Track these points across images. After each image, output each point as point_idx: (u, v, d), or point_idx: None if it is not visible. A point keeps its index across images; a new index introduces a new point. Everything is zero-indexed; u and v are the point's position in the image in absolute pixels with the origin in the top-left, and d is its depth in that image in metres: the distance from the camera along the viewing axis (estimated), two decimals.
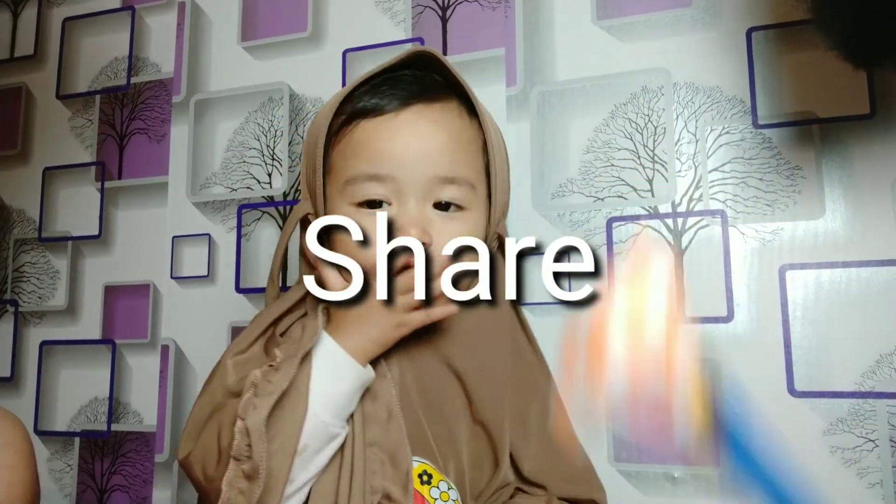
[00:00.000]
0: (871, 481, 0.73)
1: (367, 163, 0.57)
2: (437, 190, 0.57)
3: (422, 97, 0.59)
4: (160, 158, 1.08)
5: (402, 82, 0.60)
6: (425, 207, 0.57)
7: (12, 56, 1.20)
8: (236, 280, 1.01)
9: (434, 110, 0.59)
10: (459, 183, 0.58)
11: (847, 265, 0.77)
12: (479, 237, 0.60)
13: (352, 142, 0.59)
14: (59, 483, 1.06)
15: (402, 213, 0.57)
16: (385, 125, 0.58)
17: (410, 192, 0.57)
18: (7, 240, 1.15)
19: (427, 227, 0.56)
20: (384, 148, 0.57)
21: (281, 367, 0.52)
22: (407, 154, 0.57)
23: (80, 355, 1.08)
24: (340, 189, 0.59)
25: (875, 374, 0.75)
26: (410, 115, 0.58)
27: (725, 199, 0.82)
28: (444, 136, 0.59)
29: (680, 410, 0.44)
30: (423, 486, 0.54)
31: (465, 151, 0.60)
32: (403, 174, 0.57)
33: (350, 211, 0.58)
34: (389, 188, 0.57)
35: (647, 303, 0.43)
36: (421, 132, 0.58)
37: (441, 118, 0.59)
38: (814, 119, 0.80)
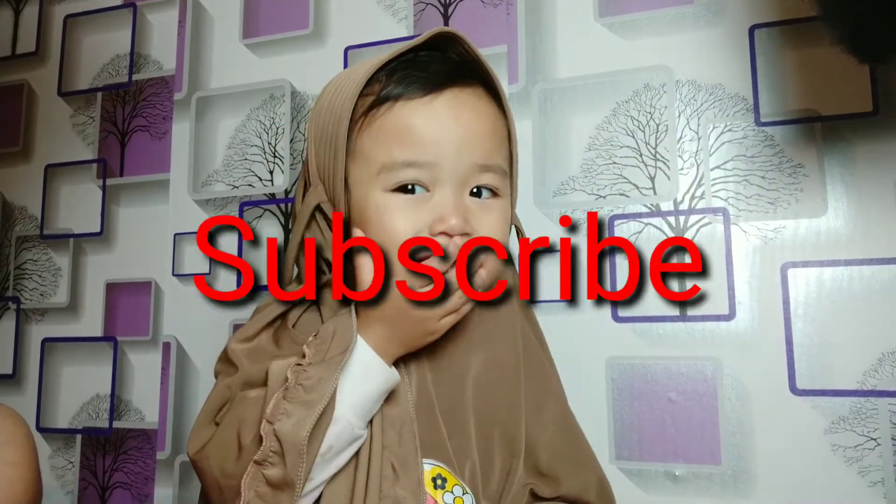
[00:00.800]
0: (872, 479, 0.73)
1: (407, 148, 0.55)
2: (474, 177, 0.56)
3: (455, 81, 0.57)
4: (162, 156, 1.08)
5: (432, 65, 0.58)
6: (463, 195, 0.56)
7: (14, 53, 1.20)
8: (238, 277, 1.01)
9: (468, 95, 0.57)
10: (495, 171, 0.57)
11: (849, 263, 0.77)
12: (508, 221, 0.59)
13: (385, 126, 0.56)
14: (60, 480, 1.06)
15: (441, 202, 0.54)
16: (424, 110, 0.56)
17: (449, 179, 0.55)
18: (9, 237, 1.16)
19: (467, 216, 0.54)
20: (424, 133, 0.55)
21: (314, 371, 0.50)
22: (449, 140, 0.55)
23: (81, 352, 1.08)
24: (373, 175, 0.55)
25: (877, 372, 0.75)
26: (448, 100, 0.56)
27: (727, 196, 0.82)
28: (482, 123, 0.57)
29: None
30: (437, 490, 0.54)
31: (498, 139, 0.59)
32: (445, 161, 0.55)
33: (385, 197, 0.55)
34: (428, 175, 0.55)
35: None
36: (462, 118, 0.56)
37: (476, 104, 0.58)
38: (816, 117, 0.80)
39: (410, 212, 0.54)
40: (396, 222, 0.54)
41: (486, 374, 0.60)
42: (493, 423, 0.59)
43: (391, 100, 0.56)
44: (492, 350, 0.61)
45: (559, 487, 0.60)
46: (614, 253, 0.85)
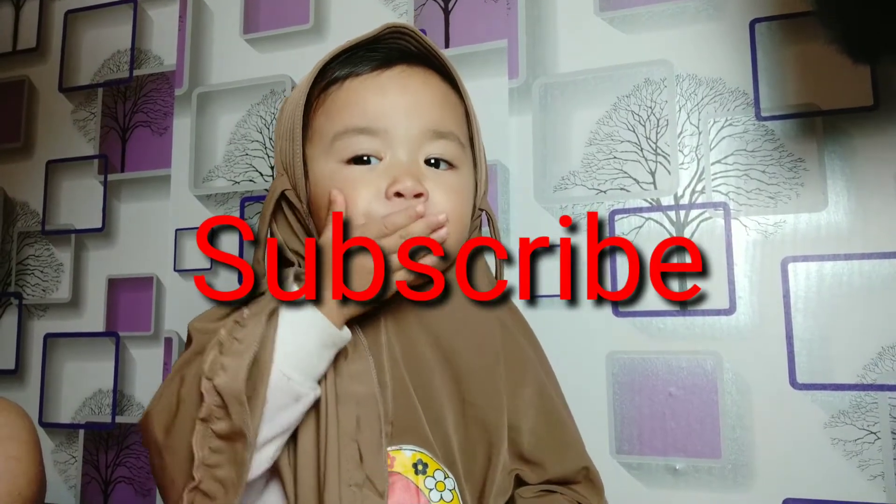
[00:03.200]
0: (872, 473, 0.73)
1: (357, 117, 0.57)
2: (428, 144, 0.57)
3: (404, 60, 0.59)
4: (163, 151, 1.08)
5: (380, 49, 0.60)
6: (417, 160, 0.57)
7: (15, 49, 1.21)
8: (239, 273, 1.01)
9: (416, 71, 0.59)
10: (450, 138, 0.58)
11: (849, 257, 0.77)
12: (470, 199, 0.60)
13: (336, 101, 0.58)
14: (63, 475, 1.07)
15: (393, 165, 0.55)
16: (373, 81, 0.58)
17: (402, 144, 0.56)
18: (10, 233, 1.16)
19: (421, 178, 0.55)
20: (374, 101, 0.57)
21: (247, 323, 0.50)
22: (398, 107, 0.57)
23: (83, 348, 1.08)
24: (327, 148, 0.57)
25: (877, 366, 0.75)
26: (396, 73, 0.58)
27: (728, 191, 0.82)
28: (432, 94, 0.59)
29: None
30: (418, 475, 0.53)
31: (451, 112, 0.60)
32: (395, 126, 0.56)
33: (338, 168, 0.57)
34: (380, 142, 0.56)
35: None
36: (410, 87, 0.58)
37: (424, 78, 0.59)
38: (817, 111, 0.80)
39: (365, 179, 0.55)
40: (351, 190, 0.55)
41: (463, 359, 0.58)
42: (471, 409, 0.58)
43: (341, 79, 0.58)
44: (470, 336, 0.59)
45: (545, 472, 0.59)
46: (615, 251, 0.85)
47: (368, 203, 0.54)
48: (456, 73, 0.61)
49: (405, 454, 0.54)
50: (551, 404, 0.62)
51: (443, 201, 0.56)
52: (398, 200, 0.54)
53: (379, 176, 0.55)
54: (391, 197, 0.54)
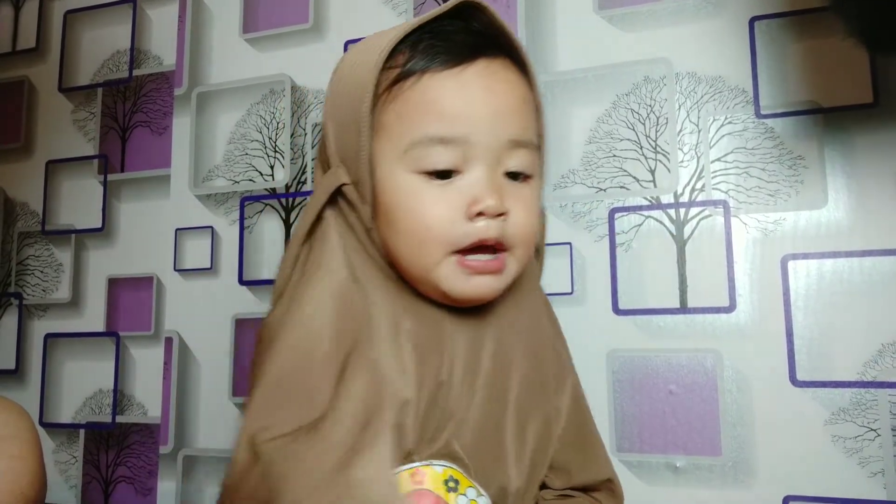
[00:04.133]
0: (872, 470, 0.73)
1: (435, 123, 0.50)
2: (507, 155, 0.52)
3: (484, 52, 0.52)
4: (162, 151, 1.08)
5: (455, 36, 0.53)
6: (497, 174, 0.51)
7: (14, 49, 1.21)
8: (239, 272, 1.01)
9: (498, 66, 0.53)
10: (528, 147, 0.53)
11: (849, 255, 0.77)
12: (539, 204, 0.56)
13: (412, 99, 0.51)
14: (64, 475, 1.07)
15: (475, 182, 0.50)
16: (454, 81, 0.51)
17: (483, 156, 0.51)
18: (11, 233, 1.16)
19: (503, 196, 0.50)
20: (456, 106, 0.51)
21: None
22: (481, 113, 0.51)
23: (84, 348, 1.08)
24: (399, 155, 0.51)
25: (877, 363, 0.75)
26: (479, 70, 0.52)
27: (728, 189, 0.82)
28: (514, 95, 0.53)
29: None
30: (450, 493, 0.50)
31: (529, 112, 0.54)
32: (477, 136, 0.50)
33: (410, 179, 0.51)
34: (460, 153, 0.50)
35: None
36: (495, 89, 0.52)
37: (507, 76, 0.53)
38: (817, 108, 0.80)
39: (443, 196, 0.50)
40: (429, 208, 0.50)
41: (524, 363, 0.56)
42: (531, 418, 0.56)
43: (418, 72, 0.51)
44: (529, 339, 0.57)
45: (569, 479, 0.58)
46: (615, 250, 0.85)
47: (448, 224, 0.50)
48: (529, 62, 0.56)
49: (436, 470, 0.51)
50: (583, 413, 0.61)
51: (522, 219, 0.52)
52: (481, 221, 0.50)
53: (458, 193, 0.50)
54: (473, 217, 0.50)
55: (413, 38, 0.53)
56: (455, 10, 0.54)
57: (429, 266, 0.50)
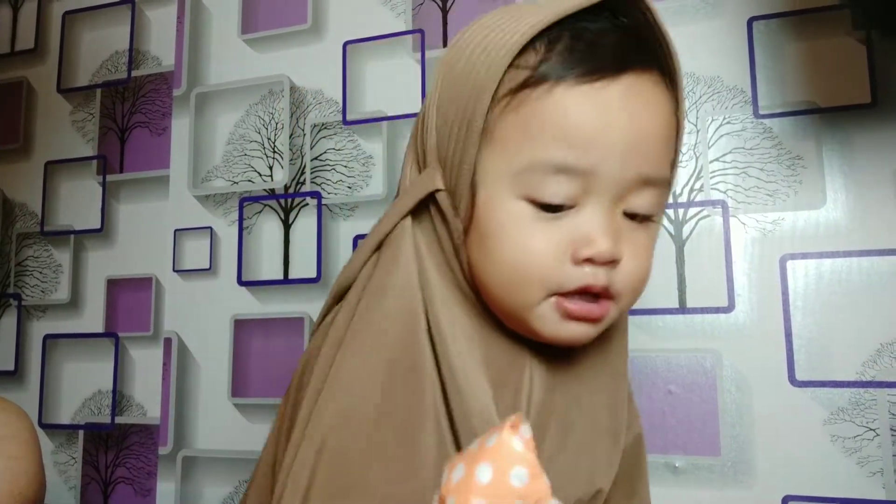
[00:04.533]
0: (871, 470, 0.73)
1: (561, 149, 0.43)
2: (633, 193, 0.44)
3: (633, 65, 0.44)
4: (161, 152, 1.08)
5: (602, 38, 0.45)
6: (615, 213, 0.44)
7: (13, 50, 1.20)
8: (238, 273, 1.01)
9: (647, 83, 0.44)
10: (659, 185, 0.45)
11: (848, 255, 0.77)
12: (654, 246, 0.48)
13: (539, 112, 0.43)
14: (63, 475, 1.07)
15: (589, 220, 0.43)
16: (591, 100, 0.43)
17: (606, 192, 0.43)
18: (10, 234, 1.16)
19: (619, 240, 0.44)
20: (588, 132, 0.42)
21: None
22: (616, 143, 0.43)
23: (83, 349, 1.08)
24: (511, 175, 0.44)
25: (876, 363, 0.75)
26: (623, 90, 0.43)
27: (726, 189, 0.82)
28: (658, 124, 0.45)
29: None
30: None
31: (670, 142, 0.46)
32: (604, 169, 0.43)
33: (517, 205, 0.44)
34: (580, 186, 0.43)
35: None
36: (639, 115, 0.43)
37: (654, 97, 0.45)
38: (815, 108, 0.80)
39: (551, 232, 0.44)
40: (533, 243, 0.44)
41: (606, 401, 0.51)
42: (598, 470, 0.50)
43: (551, 81, 0.43)
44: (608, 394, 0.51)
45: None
46: None
47: (551, 265, 0.43)
48: (680, 74, 0.47)
49: None
50: (642, 451, 0.56)
51: (634, 267, 0.45)
52: (588, 267, 0.43)
53: (569, 231, 0.43)
54: (580, 262, 0.43)
55: (553, 33, 0.44)
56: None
57: (524, 305, 0.45)
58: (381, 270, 0.47)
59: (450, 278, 0.47)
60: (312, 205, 0.98)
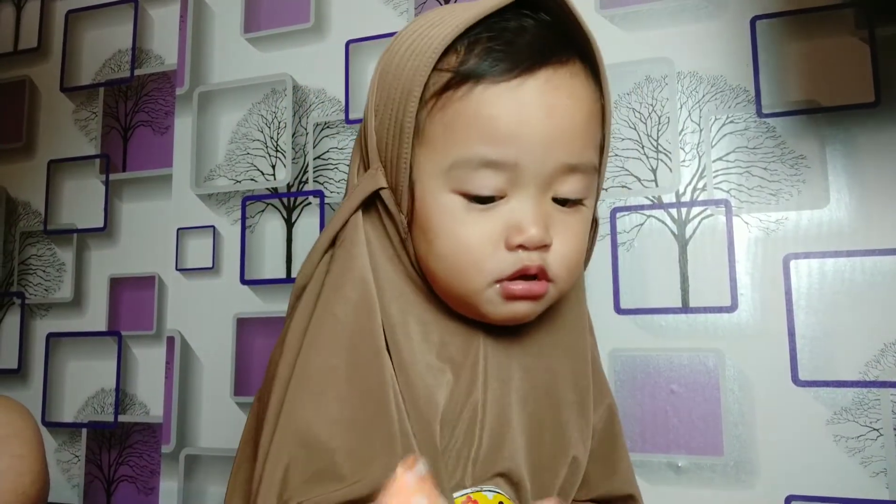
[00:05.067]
0: (874, 470, 0.73)
1: (484, 144, 0.45)
2: (559, 180, 0.47)
3: (550, 60, 0.46)
4: (164, 150, 1.08)
5: (521, 35, 0.47)
6: (544, 201, 0.47)
7: (16, 49, 1.21)
8: (241, 272, 1.01)
9: (564, 77, 0.47)
10: (585, 171, 0.48)
11: (851, 254, 0.77)
12: (588, 229, 0.51)
13: (462, 112, 0.46)
14: (66, 474, 1.07)
15: (518, 208, 0.46)
16: (509, 96, 0.45)
17: (532, 181, 0.46)
18: (13, 232, 1.16)
19: (547, 225, 0.47)
20: (508, 127, 0.45)
21: None
22: (537, 136, 0.45)
23: (86, 347, 1.08)
24: (442, 170, 0.47)
25: (879, 363, 0.75)
26: (540, 85, 0.46)
27: (729, 188, 0.82)
28: (578, 114, 0.47)
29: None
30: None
31: (593, 130, 0.49)
32: (528, 162, 0.46)
33: (450, 200, 0.47)
34: (507, 178, 0.46)
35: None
36: (556, 108, 0.46)
37: (573, 90, 0.47)
38: (818, 108, 0.80)
39: (483, 220, 0.47)
40: (468, 235, 0.47)
41: (567, 378, 0.53)
42: (569, 442, 0.53)
43: (471, 80, 0.46)
44: (568, 367, 0.54)
45: (589, 491, 0.55)
46: (617, 249, 0.85)
47: (487, 254, 0.47)
48: (602, 62, 0.50)
49: (486, 496, 0.49)
50: (615, 428, 0.58)
51: (566, 249, 0.48)
52: (521, 252, 0.46)
53: (500, 220, 0.47)
54: (514, 248, 0.46)
55: (473, 34, 0.47)
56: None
57: (469, 292, 0.48)
58: (336, 265, 0.50)
59: (401, 269, 0.50)
60: (315, 204, 0.98)
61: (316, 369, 0.46)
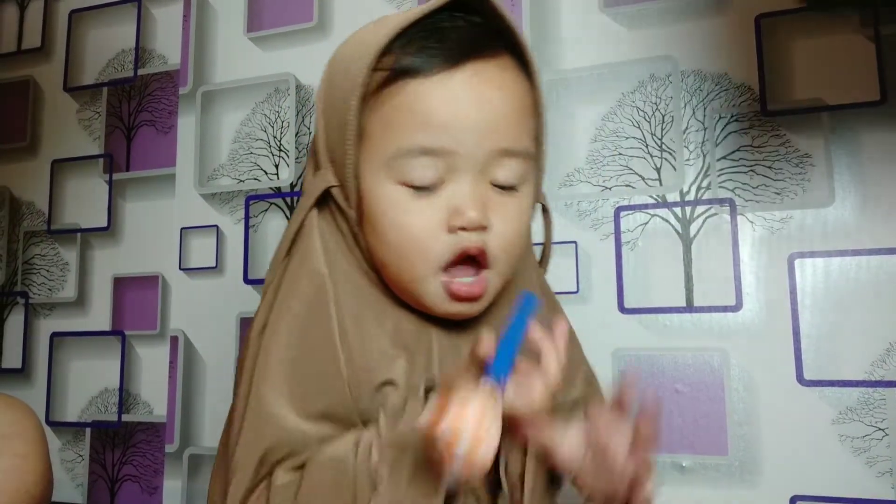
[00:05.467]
0: (880, 470, 0.73)
1: (420, 134, 0.49)
2: (495, 165, 0.50)
3: (477, 53, 0.50)
4: (168, 150, 1.08)
5: (451, 34, 0.51)
6: (482, 185, 0.50)
7: (20, 49, 1.21)
8: (244, 271, 1.01)
9: (492, 69, 0.50)
10: (519, 156, 0.51)
11: (857, 253, 0.76)
12: (530, 213, 0.55)
13: (398, 107, 0.50)
14: (70, 473, 1.07)
15: (456, 193, 0.49)
16: (440, 88, 0.49)
17: (468, 168, 0.49)
18: (17, 232, 1.16)
19: (486, 208, 0.49)
20: (440, 116, 0.49)
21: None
22: (469, 124, 0.49)
23: (90, 346, 1.09)
24: (383, 163, 0.50)
25: (885, 362, 0.74)
26: (468, 77, 0.49)
27: (734, 187, 0.81)
28: (506, 103, 0.51)
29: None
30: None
31: (525, 118, 0.52)
32: (463, 148, 0.49)
33: (394, 190, 0.50)
34: (444, 165, 0.49)
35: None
36: (485, 97, 0.49)
37: (502, 80, 0.51)
38: (823, 106, 0.79)
39: (426, 209, 0.50)
40: (412, 221, 0.50)
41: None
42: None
43: (405, 77, 0.50)
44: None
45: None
46: (621, 248, 0.85)
47: (431, 237, 0.50)
48: (531, 56, 0.53)
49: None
50: (595, 390, 0.60)
51: (505, 230, 0.51)
52: (461, 234, 0.49)
53: (440, 205, 0.50)
54: (454, 231, 0.49)
55: (408, 35, 0.51)
56: (458, 2, 0.52)
57: (414, 279, 0.50)
58: (294, 262, 0.54)
59: (355, 263, 0.53)
60: None
61: (276, 361, 0.50)
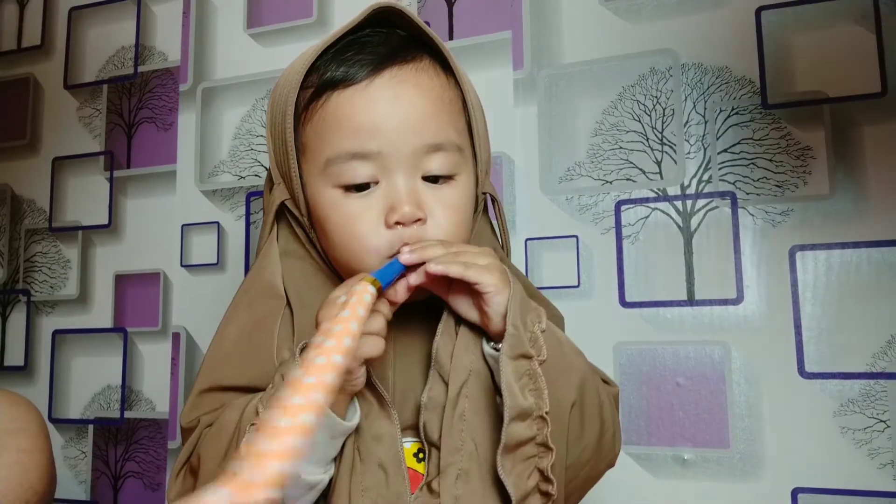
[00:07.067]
0: (882, 462, 0.73)
1: (348, 139, 0.52)
2: (424, 160, 0.53)
3: (394, 59, 0.54)
4: (168, 147, 1.08)
5: (368, 45, 0.55)
6: (415, 181, 0.53)
7: (20, 47, 1.21)
8: (245, 268, 1.01)
9: (409, 72, 0.54)
10: (447, 149, 0.54)
11: (857, 246, 0.76)
12: (470, 202, 0.57)
13: (325, 118, 0.54)
14: (73, 470, 1.07)
15: (390, 191, 0.52)
16: (360, 96, 0.53)
17: (397, 165, 0.52)
18: (18, 230, 1.16)
19: (420, 201, 0.52)
20: (364, 121, 0.52)
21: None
22: (392, 125, 0.52)
23: (92, 343, 1.09)
24: (321, 170, 0.54)
25: (886, 354, 0.74)
26: (386, 82, 0.53)
27: (735, 180, 0.81)
28: (426, 101, 0.54)
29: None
30: (419, 463, 0.53)
31: (447, 113, 0.55)
32: (388, 147, 0.52)
33: (334, 195, 0.53)
34: (375, 165, 0.52)
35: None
36: (401, 99, 0.53)
37: (418, 81, 0.54)
38: (824, 99, 0.79)
39: (364, 208, 0.53)
40: (352, 221, 0.53)
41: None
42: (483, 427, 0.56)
43: (329, 89, 0.53)
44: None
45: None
46: (622, 242, 0.85)
47: (372, 235, 0.52)
48: (451, 57, 0.57)
49: (405, 445, 0.53)
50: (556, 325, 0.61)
51: (443, 220, 0.53)
52: (400, 228, 0.52)
53: (377, 203, 0.53)
54: (392, 226, 0.52)
55: (331, 52, 0.55)
56: (384, 17, 0.56)
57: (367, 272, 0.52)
58: (252, 272, 0.59)
59: (315, 266, 0.57)
60: None
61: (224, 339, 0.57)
